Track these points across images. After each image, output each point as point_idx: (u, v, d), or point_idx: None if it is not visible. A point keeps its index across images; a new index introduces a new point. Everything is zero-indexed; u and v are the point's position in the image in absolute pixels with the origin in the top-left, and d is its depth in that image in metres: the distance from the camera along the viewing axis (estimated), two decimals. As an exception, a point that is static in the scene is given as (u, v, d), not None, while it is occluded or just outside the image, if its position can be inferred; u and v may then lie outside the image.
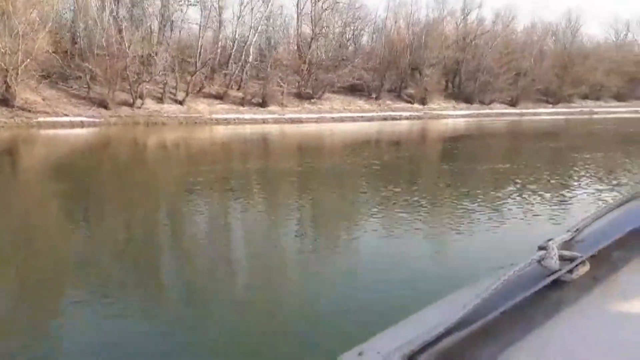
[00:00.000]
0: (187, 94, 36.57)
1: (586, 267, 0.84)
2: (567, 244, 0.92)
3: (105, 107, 33.33)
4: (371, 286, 6.49)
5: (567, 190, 12.64)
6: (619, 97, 67.20)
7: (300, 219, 10.97)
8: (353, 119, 43.28)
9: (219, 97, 39.05)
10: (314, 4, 44.67)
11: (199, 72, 37.96)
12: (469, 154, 23.09)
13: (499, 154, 22.90)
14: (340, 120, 42.22)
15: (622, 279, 0.82)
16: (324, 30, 45.63)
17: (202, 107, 37.00)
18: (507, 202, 11.43)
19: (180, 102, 36.40)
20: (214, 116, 36.40)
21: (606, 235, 0.96)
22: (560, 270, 0.81)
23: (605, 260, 0.84)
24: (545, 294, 0.80)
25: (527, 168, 16.64)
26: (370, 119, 43.92)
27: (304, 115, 40.44)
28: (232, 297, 6.49)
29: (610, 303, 0.76)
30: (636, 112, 62.93)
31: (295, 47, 45.76)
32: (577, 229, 1.00)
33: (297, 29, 46.06)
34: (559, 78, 57.95)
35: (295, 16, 45.87)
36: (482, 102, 53.13)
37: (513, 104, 55.29)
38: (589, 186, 13.19)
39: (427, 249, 8.53)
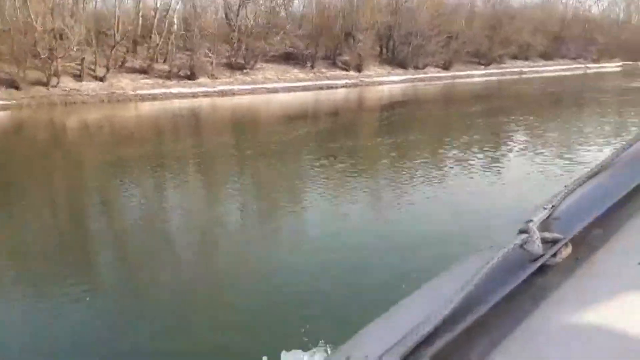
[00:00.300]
0: (107, 70, 34.10)
1: (569, 249, 0.84)
2: (545, 224, 0.90)
3: (17, 87, 30.50)
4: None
5: (506, 160, 12.60)
6: (546, 56, 69.61)
7: (238, 198, 10.29)
8: (288, 89, 42.18)
9: (144, 71, 36.70)
10: (240, -32, 42.50)
11: (120, 45, 35.39)
12: (404, 124, 22.87)
13: (426, 124, 22.84)
14: (275, 90, 41.00)
15: (602, 259, 0.81)
16: (252, -4, 43.65)
17: (125, 82, 34.65)
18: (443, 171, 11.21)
19: (101, 79, 33.92)
20: (139, 92, 34.22)
21: (582, 211, 0.94)
22: (544, 255, 0.81)
23: (585, 240, 0.83)
24: (530, 279, 0.79)
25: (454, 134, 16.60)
26: (306, 89, 43.01)
27: (236, 87, 38.86)
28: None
29: (594, 286, 0.76)
30: (561, 70, 65.72)
31: (223, 15, 43.60)
32: (553, 206, 0.98)
33: (224, -5, 43.80)
34: (489, 39, 59.01)
35: (222, -19, 43.54)
36: (416, 67, 53.27)
37: (446, 67, 55.89)
38: (523, 159, 13.22)
39: (371, 222, 8.36)
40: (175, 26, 38.99)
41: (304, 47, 45.42)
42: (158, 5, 39.00)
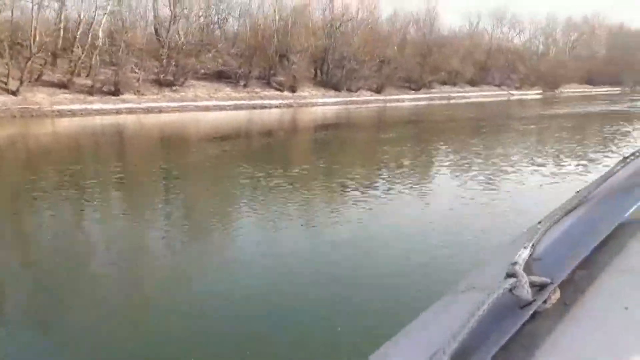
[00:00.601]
0: (21, 83, 31.89)
1: (557, 294, 0.82)
2: (528, 265, 0.86)
3: None
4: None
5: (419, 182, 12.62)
6: (473, 83, 73.16)
7: (165, 222, 9.49)
8: (220, 108, 41.39)
9: (63, 85, 34.69)
10: (172, -17, 41.61)
11: (37, 58, 33.29)
12: (328, 147, 22.78)
13: (353, 147, 22.89)
14: (206, 109, 40.08)
15: (591, 303, 0.80)
16: (184, 12, 42.78)
17: (41, 97, 32.52)
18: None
19: (14, 93, 31.64)
20: (56, 107, 32.21)
21: (564, 251, 0.92)
22: (535, 301, 0.79)
23: (571, 282, 0.81)
24: (521, 328, 0.77)
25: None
26: (239, 108, 42.39)
27: (164, 104, 37.58)
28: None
29: (584, 332, 0.76)
30: (486, 96, 69.20)
31: (153, 30, 42.36)
32: (533, 244, 0.94)
33: (154, 10, 42.65)
34: (420, 66, 61.15)
35: (152, -4, 42.40)
36: (349, 90, 54.15)
37: (379, 91, 57.22)
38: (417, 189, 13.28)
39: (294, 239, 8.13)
40: (100, 40, 37.27)
41: (237, 66, 44.95)
42: (82, 17, 37.24)
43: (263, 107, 44.04)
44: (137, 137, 26.53)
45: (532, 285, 0.79)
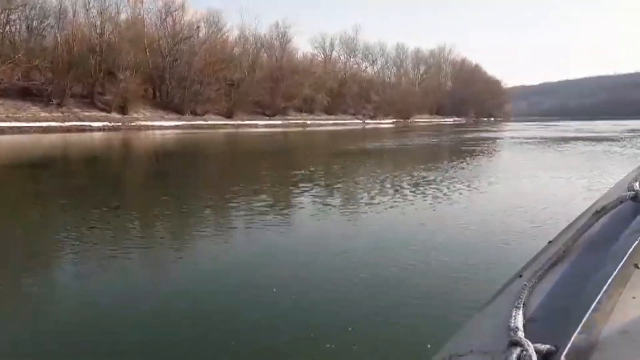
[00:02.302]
0: None
1: None
2: (525, 329, 0.84)
3: None
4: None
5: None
6: (329, 110, 72.93)
7: None
8: (21, 130, 34.21)
9: None
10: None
11: None
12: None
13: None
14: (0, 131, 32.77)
15: None
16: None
17: None
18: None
19: None
20: None
21: (559, 311, 0.90)
22: None
23: (574, 348, 0.79)
24: None
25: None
26: (48, 130, 35.48)
27: None
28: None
29: None
30: (342, 124, 69.21)
31: None
32: (524, 304, 0.92)
33: None
34: (272, 91, 58.79)
35: None
36: (194, 113, 49.62)
37: (229, 115, 53.47)
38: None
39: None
40: None
41: (48, 81, 38.00)
42: None
43: (81, 129, 37.54)
44: None
45: (537, 352, 0.76)
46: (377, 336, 3.51)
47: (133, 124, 42.19)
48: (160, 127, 44.04)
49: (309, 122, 65.26)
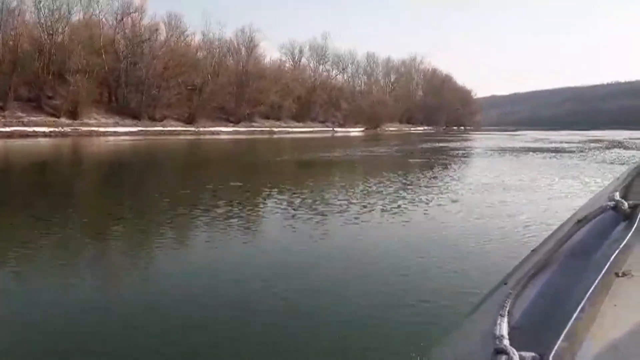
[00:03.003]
0: None
1: None
2: (510, 336, 0.85)
3: None
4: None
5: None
6: (297, 118, 71.61)
7: None
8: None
9: None
10: None
11: None
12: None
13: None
14: None
15: None
16: None
17: None
18: None
19: None
20: None
21: (542, 320, 0.92)
22: None
23: (557, 356, 0.79)
24: None
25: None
26: (-15, 136, 33.11)
27: None
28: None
29: None
30: (311, 132, 67.97)
31: None
32: (509, 312, 0.93)
33: None
34: (237, 96, 57.16)
35: None
36: (152, 119, 47.60)
37: (190, 121, 51.57)
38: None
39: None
40: None
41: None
42: None
43: (24, 135, 35.22)
44: None
45: None
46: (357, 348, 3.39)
47: (84, 129, 39.95)
48: (114, 134, 41.91)
49: (276, 129, 63.78)
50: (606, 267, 0.98)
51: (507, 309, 0.93)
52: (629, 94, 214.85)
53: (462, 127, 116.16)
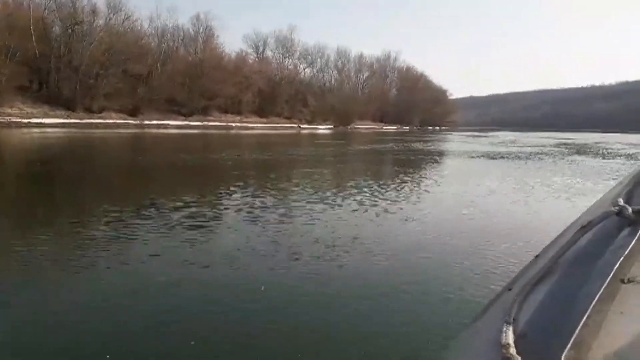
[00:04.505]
0: None
1: None
2: (516, 345, 0.85)
3: None
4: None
5: None
6: (260, 113, 67.73)
7: None
8: None
9: None
10: None
11: None
12: None
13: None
14: None
15: None
16: None
17: None
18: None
19: None
20: None
21: (549, 327, 0.92)
22: None
23: None
24: None
25: None
26: None
27: None
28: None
29: None
30: (274, 128, 64.21)
31: None
32: (514, 319, 0.94)
33: None
34: (189, 88, 53.02)
35: None
36: (89, 110, 43.30)
37: (133, 113, 47.36)
38: None
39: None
40: None
41: None
42: None
43: None
44: None
45: None
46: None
47: (1, 119, 35.63)
48: (39, 125, 37.63)
49: (234, 124, 59.89)
50: (612, 273, 0.97)
51: (513, 316, 0.93)
52: (599, 98, 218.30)
53: (437, 127, 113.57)
